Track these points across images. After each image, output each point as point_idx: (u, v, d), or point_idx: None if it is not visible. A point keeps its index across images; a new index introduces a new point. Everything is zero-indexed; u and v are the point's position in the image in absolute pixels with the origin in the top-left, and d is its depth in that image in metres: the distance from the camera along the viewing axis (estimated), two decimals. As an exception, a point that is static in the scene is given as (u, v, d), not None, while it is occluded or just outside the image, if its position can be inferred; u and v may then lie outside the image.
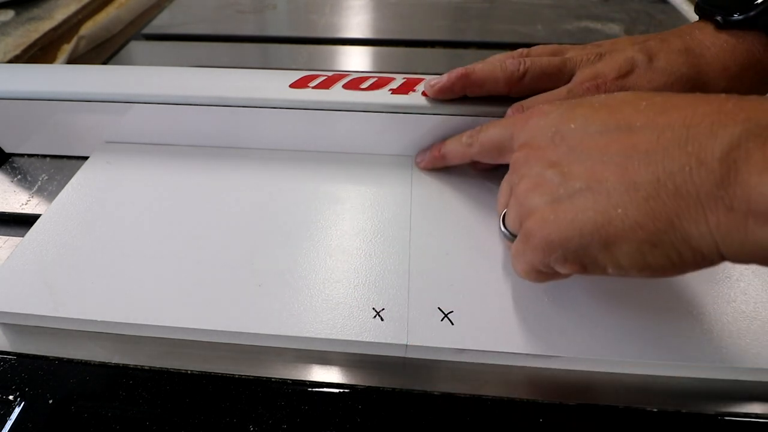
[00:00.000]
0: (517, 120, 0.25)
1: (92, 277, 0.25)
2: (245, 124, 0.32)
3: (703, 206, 0.16)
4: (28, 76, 0.33)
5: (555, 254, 0.19)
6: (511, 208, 0.23)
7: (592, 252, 0.18)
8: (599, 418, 0.22)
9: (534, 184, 0.21)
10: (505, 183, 0.25)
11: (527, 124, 0.23)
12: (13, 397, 0.22)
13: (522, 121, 0.24)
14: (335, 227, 0.28)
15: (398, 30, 0.54)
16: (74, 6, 0.54)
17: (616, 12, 0.58)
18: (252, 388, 0.22)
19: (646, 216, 0.17)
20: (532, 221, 0.20)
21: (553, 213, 0.19)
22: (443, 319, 0.24)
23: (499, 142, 0.25)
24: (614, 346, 0.23)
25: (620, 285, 0.25)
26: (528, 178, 0.21)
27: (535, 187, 0.21)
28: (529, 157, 0.22)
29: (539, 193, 0.20)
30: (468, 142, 0.28)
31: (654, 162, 0.17)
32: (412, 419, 0.21)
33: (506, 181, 0.24)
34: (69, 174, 0.32)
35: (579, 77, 0.27)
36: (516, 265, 0.22)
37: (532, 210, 0.20)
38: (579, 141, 0.20)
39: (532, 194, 0.21)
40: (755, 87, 0.26)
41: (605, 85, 0.26)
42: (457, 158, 0.30)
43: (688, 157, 0.16)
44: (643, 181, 0.17)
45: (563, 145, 0.21)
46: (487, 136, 0.26)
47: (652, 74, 0.26)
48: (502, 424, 0.21)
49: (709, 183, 0.16)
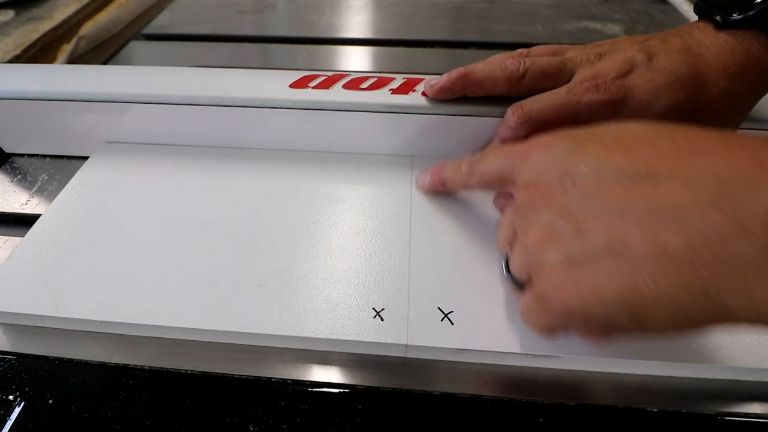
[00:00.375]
0: (518, 151, 0.22)
1: (92, 277, 0.25)
2: (245, 124, 0.32)
3: (746, 278, 0.14)
4: (28, 76, 0.33)
5: (574, 321, 0.18)
6: (517, 255, 0.21)
7: (618, 321, 0.17)
8: (599, 418, 0.22)
9: (544, 236, 0.19)
10: (507, 221, 0.23)
11: (529, 158, 0.21)
12: (13, 397, 0.22)
13: (523, 154, 0.22)
14: (335, 227, 0.28)
15: (398, 30, 0.54)
16: (74, 6, 0.54)
17: (616, 12, 0.58)
18: (252, 388, 0.22)
19: (679, 288, 0.15)
20: (546, 284, 0.19)
21: (571, 278, 0.18)
22: (443, 319, 0.24)
23: (499, 174, 0.23)
24: (614, 346, 0.23)
25: None
26: (537, 228, 0.19)
27: (546, 241, 0.19)
28: (535, 201, 0.20)
29: (552, 249, 0.18)
30: (467, 172, 0.26)
31: (685, 224, 0.15)
32: (412, 419, 0.21)
33: (509, 220, 0.22)
34: (69, 174, 0.32)
35: (579, 77, 0.27)
36: (527, 320, 0.21)
37: (545, 268, 0.19)
38: (593, 187, 0.18)
39: (543, 248, 0.19)
40: (755, 87, 0.26)
41: (605, 85, 0.26)
42: (458, 186, 0.29)
43: (726, 220, 0.15)
44: (674, 248, 0.15)
45: (574, 190, 0.19)
46: (486, 166, 0.24)
47: (651, 74, 0.26)
48: (502, 424, 0.21)
49: (753, 253, 0.14)
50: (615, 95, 0.26)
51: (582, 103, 0.26)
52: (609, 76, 0.26)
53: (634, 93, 0.26)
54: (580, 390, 0.23)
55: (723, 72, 0.25)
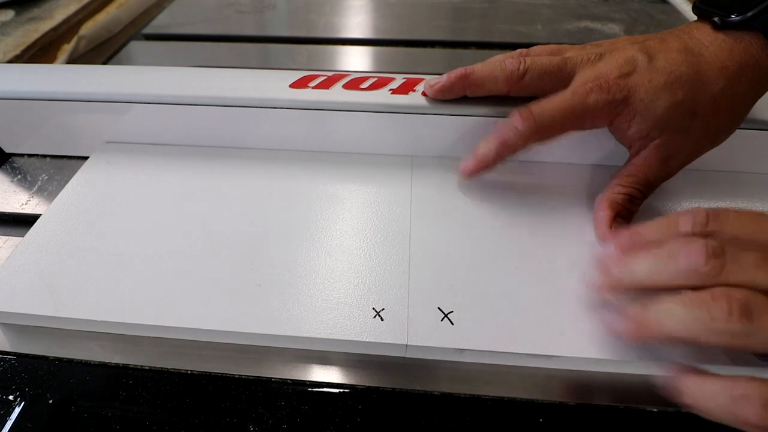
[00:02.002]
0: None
1: (92, 277, 0.25)
2: (245, 124, 0.32)
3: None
4: (28, 76, 0.33)
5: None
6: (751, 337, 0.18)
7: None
8: (599, 418, 0.22)
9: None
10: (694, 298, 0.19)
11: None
12: (13, 397, 0.22)
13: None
14: (335, 227, 0.28)
15: (398, 30, 0.54)
16: (74, 6, 0.54)
17: (616, 12, 0.58)
18: (252, 388, 0.22)
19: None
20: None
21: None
22: (443, 319, 0.24)
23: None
24: (614, 346, 0.23)
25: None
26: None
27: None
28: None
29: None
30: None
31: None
32: (412, 419, 0.21)
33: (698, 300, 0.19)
34: (69, 174, 0.32)
35: (581, 78, 0.27)
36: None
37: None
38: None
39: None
40: (754, 86, 0.26)
41: (607, 85, 0.26)
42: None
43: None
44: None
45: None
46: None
47: (652, 74, 0.26)
48: (502, 424, 0.21)
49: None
50: (618, 95, 0.26)
51: (588, 104, 0.26)
52: (611, 76, 0.26)
53: (636, 93, 0.26)
54: (580, 390, 0.23)
55: (722, 71, 0.25)
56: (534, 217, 0.29)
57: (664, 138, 0.26)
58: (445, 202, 0.30)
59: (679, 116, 0.26)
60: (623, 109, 0.26)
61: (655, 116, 0.26)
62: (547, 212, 0.29)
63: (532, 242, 0.28)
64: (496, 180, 0.31)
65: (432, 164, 0.33)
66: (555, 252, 0.27)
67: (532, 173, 0.32)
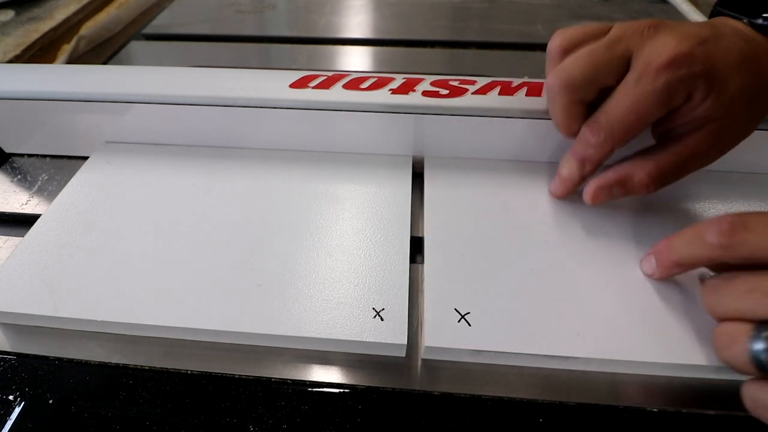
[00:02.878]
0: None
1: (92, 277, 0.25)
2: (245, 124, 0.32)
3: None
4: (28, 76, 0.33)
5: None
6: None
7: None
8: (599, 418, 0.22)
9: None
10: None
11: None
12: (13, 397, 0.22)
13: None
14: (335, 227, 0.28)
15: (398, 30, 0.54)
16: (74, 6, 0.54)
17: (616, 12, 0.58)
18: (252, 388, 0.22)
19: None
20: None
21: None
22: (460, 320, 0.24)
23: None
24: (631, 347, 0.23)
25: (633, 287, 0.25)
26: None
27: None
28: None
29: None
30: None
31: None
32: (412, 419, 0.21)
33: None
34: (69, 174, 0.32)
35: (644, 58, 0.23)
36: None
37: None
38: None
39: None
40: None
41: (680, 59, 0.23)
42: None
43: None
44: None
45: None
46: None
47: (724, 50, 0.23)
48: (502, 424, 0.21)
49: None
50: (696, 68, 0.22)
51: (658, 88, 0.23)
52: (682, 49, 0.22)
53: (715, 67, 0.23)
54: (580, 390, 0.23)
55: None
56: (548, 218, 0.29)
57: (724, 121, 0.24)
58: (455, 203, 0.30)
59: (743, 100, 0.23)
60: (701, 84, 0.23)
61: (728, 95, 0.23)
62: (561, 212, 0.29)
63: (547, 242, 0.27)
64: (505, 180, 0.31)
65: (432, 164, 0.33)
66: (570, 252, 0.27)
67: (542, 172, 0.32)
